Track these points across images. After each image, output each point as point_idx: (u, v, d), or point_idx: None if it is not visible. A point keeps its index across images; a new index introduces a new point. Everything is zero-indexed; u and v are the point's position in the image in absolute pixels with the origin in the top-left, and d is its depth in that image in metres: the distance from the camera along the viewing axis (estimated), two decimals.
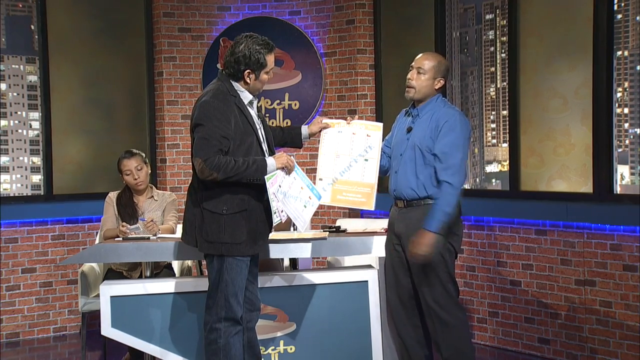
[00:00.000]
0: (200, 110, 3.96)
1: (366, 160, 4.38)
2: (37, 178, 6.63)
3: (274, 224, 4.11)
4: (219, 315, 4.03)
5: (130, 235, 4.76)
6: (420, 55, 4.34)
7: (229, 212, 4.00)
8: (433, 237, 4.07)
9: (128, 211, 5.21)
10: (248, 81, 4.04)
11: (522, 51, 5.77)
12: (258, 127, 4.12)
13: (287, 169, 4.06)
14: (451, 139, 4.14)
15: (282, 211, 4.07)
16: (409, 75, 4.31)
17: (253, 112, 4.12)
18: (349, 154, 4.39)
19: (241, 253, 4.02)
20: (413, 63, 4.32)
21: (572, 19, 5.50)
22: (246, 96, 4.07)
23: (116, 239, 4.79)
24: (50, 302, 6.49)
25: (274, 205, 4.03)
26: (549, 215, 5.33)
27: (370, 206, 4.39)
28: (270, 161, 4.03)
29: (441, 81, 4.27)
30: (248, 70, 4.02)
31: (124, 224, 4.93)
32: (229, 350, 4.03)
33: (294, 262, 5.49)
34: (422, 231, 4.08)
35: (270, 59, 4.06)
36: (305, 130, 4.43)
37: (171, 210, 5.25)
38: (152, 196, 5.31)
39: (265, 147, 4.15)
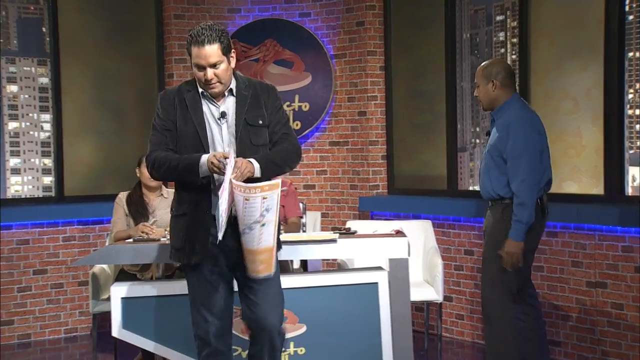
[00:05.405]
0: None
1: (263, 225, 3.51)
2: (48, 180, 6.65)
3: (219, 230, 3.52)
4: (193, 332, 3.84)
5: (144, 236, 4.77)
6: None
7: (174, 214, 3.76)
8: (513, 244, 4.32)
9: (139, 209, 5.22)
10: None
11: (533, 53, 5.76)
12: (214, 123, 3.68)
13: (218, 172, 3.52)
14: (512, 146, 4.32)
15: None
16: (474, 93, 4.61)
17: (211, 109, 3.69)
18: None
19: (177, 259, 3.75)
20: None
21: (583, 20, 5.49)
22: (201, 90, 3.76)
23: (127, 240, 4.80)
24: (61, 303, 6.51)
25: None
26: (560, 217, 5.31)
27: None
28: (203, 160, 3.54)
29: (494, 82, 4.46)
30: None
31: (145, 224, 4.92)
32: None
33: (303, 264, 5.49)
34: (506, 240, 4.33)
35: (193, 50, 3.65)
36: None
37: None
38: (162, 194, 5.32)
39: (214, 145, 3.66)
